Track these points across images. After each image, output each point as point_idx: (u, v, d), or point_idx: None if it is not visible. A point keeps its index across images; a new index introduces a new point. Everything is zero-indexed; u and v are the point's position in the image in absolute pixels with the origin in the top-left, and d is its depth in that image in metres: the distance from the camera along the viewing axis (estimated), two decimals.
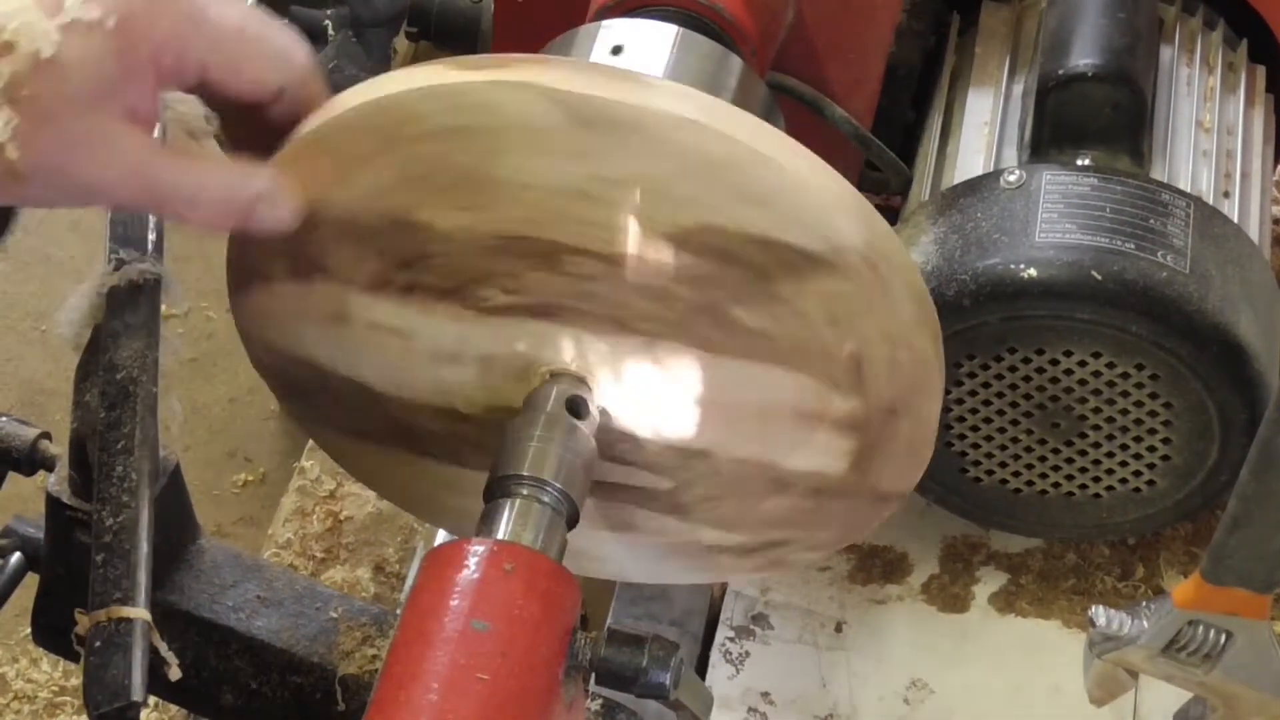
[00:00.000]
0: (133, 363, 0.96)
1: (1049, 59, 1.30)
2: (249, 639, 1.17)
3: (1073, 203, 1.24)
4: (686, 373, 0.99)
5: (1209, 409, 1.24)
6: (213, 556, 1.21)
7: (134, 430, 0.94)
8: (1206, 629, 1.12)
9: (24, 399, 2.03)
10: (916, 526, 1.43)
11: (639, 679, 0.94)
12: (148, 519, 0.92)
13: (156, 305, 1.00)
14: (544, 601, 0.91)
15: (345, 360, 1.04)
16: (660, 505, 1.06)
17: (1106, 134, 1.28)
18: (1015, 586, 1.40)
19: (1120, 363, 1.24)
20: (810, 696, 1.34)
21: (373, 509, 1.61)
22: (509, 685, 0.87)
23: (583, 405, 1.03)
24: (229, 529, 1.91)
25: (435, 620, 0.89)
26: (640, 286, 0.96)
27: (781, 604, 1.39)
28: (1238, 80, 1.39)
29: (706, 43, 1.18)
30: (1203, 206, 1.27)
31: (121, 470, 0.93)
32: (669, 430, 1.02)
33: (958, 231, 1.26)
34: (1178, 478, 1.30)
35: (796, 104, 1.33)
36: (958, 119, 1.37)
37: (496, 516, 0.96)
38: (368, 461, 1.15)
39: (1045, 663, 1.36)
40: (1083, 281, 1.21)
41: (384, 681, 0.88)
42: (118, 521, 0.91)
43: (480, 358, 1.02)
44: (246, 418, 2.02)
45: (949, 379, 1.24)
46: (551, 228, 0.94)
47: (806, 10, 1.30)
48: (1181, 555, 1.41)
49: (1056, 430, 1.29)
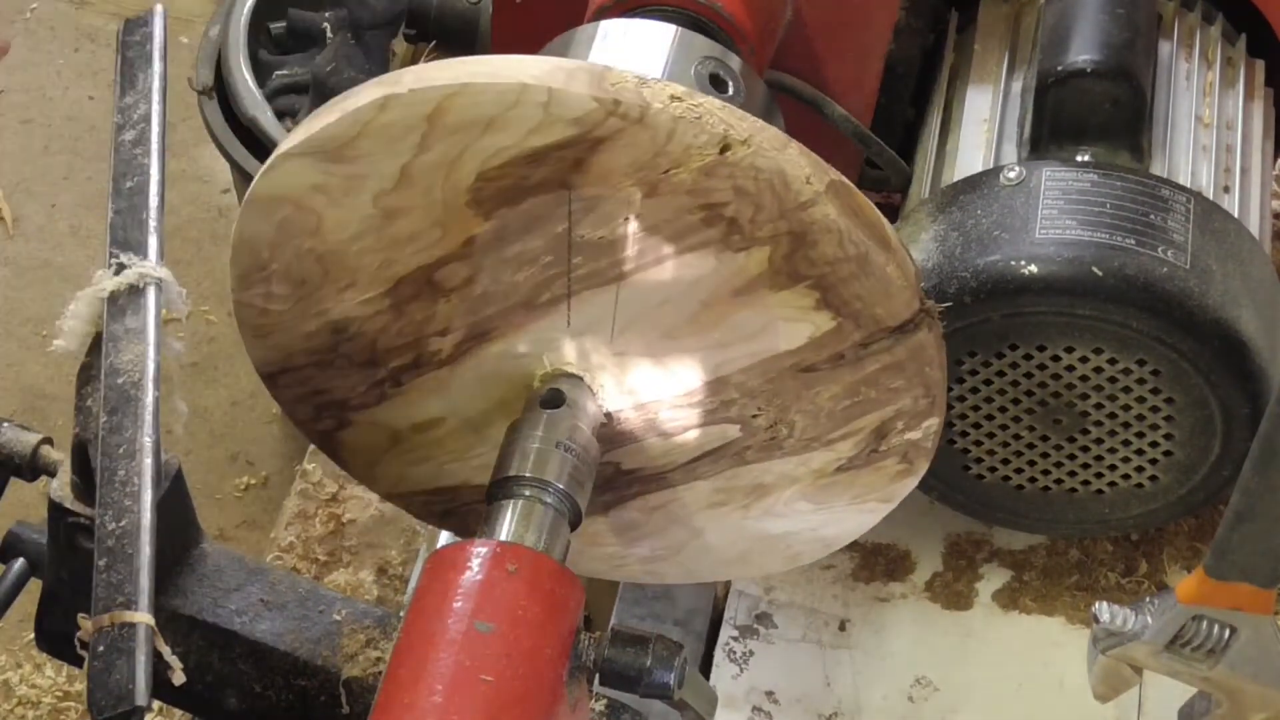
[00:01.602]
0: (133, 367, 0.96)
1: (1048, 55, 1.30)
2: (253, 642, 1.17)
3: (1073, 199, 1.24)
4: (633, 315, 1.01)
5: (1211, 404, 1.24)
6: (216, 560, 1.21)
7: (136, 435, 0.94)
8: (1210, 624, 1.12)
9: (25, 404, 2.03)
10: (920, 524, 1.43)
11: (643, 679, 0.94)
12: (150, 523, 0.92)
13: (157, 309, 1.00)
14: (547, 602, 0.91)
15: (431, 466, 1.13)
16: (756, 452, 1.07)
17: (1106, 130, 1.28)
18: (1019, 583, 1.40)
19: (1122, 358, 1.24)
20: (814, 694, 1.34)
21: (375, 511, 1.61)
22: (513, 686, 0.87)
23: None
24: (231, 533, 1.91)
25: (439, 622, 0.89)
26: (502, 262, 0.99)
27: (785, 603, 1.39)
28: (1237, 75, 1.39)
29: (705, 42, 1.18)
30: (1203, 201, 1.27)
31: (124, 474, 0.93)
32: (673, 388, 1.03)
33: (958, 229, 1.26)
34: (1180, 473, 1.30)
35: (796, 102, 1.33)
36: (957, 116, 1.37)
37: (499, 518, 0.96)
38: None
39: (1049, 659, 1.36)
40: (1084, 277, 1.20)
41: (388, 684, 0.88)
42: (120, 526, 0.91)
43: (475, 396, 1.05)
44: (248, 421, 2.02)
45: (951, 376, 1.24)
46: (398, 261, 1.00)
47: (805, 9, 1.30)
48: (1185, 550, 1.41)
49: (1059, 426, 1.29)
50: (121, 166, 1.05)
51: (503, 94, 0.92)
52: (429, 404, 1.07)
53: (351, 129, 0.95)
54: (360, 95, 0.95)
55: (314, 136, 0.96)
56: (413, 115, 0.93)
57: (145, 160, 1.06)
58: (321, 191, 0.98)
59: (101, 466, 0.94)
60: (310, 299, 1.03)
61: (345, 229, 0.99)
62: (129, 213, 1.03)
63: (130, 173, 1.05)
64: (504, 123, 0.93)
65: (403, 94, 0.93)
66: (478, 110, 0.92)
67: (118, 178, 1.05)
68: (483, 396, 1.06)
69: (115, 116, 1.09)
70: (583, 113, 0.92)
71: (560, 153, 0.93)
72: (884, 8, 1.35)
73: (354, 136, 0.95)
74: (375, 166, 0.96)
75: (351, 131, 0.95)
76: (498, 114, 0.92)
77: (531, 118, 0.92)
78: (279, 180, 0.98)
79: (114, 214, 1.03)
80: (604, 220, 0.97)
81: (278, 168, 0.98)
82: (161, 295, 1.01)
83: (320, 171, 0.97)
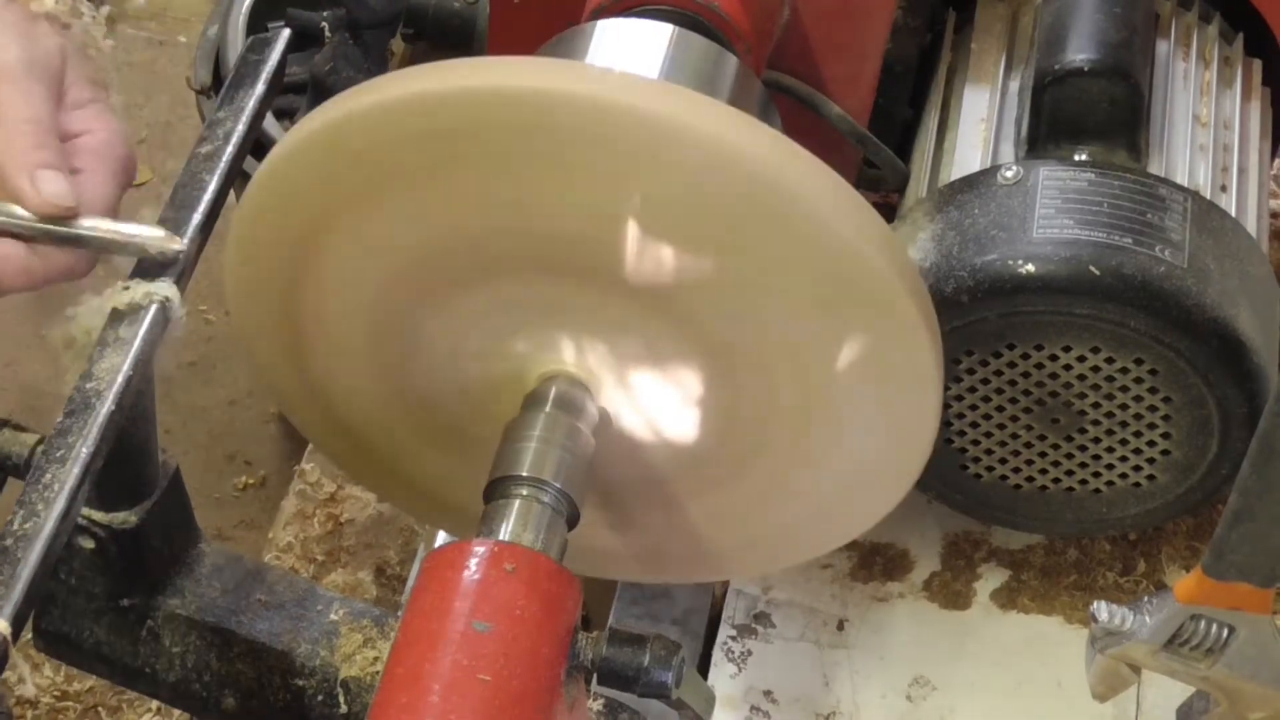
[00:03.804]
0: (105, 376, 0.95)
1: (1045, 54, 1.30)
2: (250, 642, 1.17)
3: (1070, 198, 1.24)
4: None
5: (1208, 403, 1.24)
6: (213, 560, 1.21)
7: (78, 442, 0.93)
8: (1209, 624, 1.12)
9: (24, 403, 2.02)
10: (918, 523, 1.43)
11: (641, 678, 0.94)
12: (49, 533, 0.90)
13: (152, 325, 0.98)
14: (545, 602, 0.91)
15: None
16: (755, 451, 1.07)
17: (1103, 129, 1.28)
18: (1017, 583, 1.40)
19: (1119, 358, 1.24)
20: (813, 694, 1.34)
21: (373, 511, 1.61)
22: (511, 686, 0.87)
23: (582, 405, 1.03)
24: (229, 532, 1.91)
25: (437, 621, 0.89)
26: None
27: (783, 602, 1.39)
28: (1234, 74, 1.39)
29: (702, 42, 1.18)
30: (1200, 201, 1.27)
31: (49, 478, 0.92)
32: (671, 387, 1.03)
33: (955, 228, 1.26)
34: (1178, 472, 1.30)
35: (793, 102, 1.33)
36: (954, 115, 1.37)
37: (497, 517, 0.96)
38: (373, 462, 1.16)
39: (1047, 659, 1.36)
40: (1081, 276, 1.20)
41: (386, 683, 0.88)
42: (23, 528, 0.90)
43: (479, 353, 1.04)
44: (246, 421, 2.02)
45: (948, 375, 1.24)
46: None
47: (802, 8, 1.30)
48: (1183, 550, 1.41)
49: (1056, 426, 1.29)
50: (185, 177, 1.05)
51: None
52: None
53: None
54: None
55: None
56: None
57: (208, 178, 1.05)
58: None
59: (35, 465, 0.93)
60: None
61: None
62: (172, 224, 1.01)
63: (190, 184, 1.04)
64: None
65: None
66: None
67: (178, 187, 1.04)
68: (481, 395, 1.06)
69: (203, 127, 1.08)
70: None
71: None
72: (881, 7, 1.35)
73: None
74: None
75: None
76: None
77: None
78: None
79: (160, 221, 1.02)
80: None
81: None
82: (163, 314, 0.99)
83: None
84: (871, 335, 0.98)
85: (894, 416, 1.04)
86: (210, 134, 1.07)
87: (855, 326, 0.98)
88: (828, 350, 0.99)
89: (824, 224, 0.93)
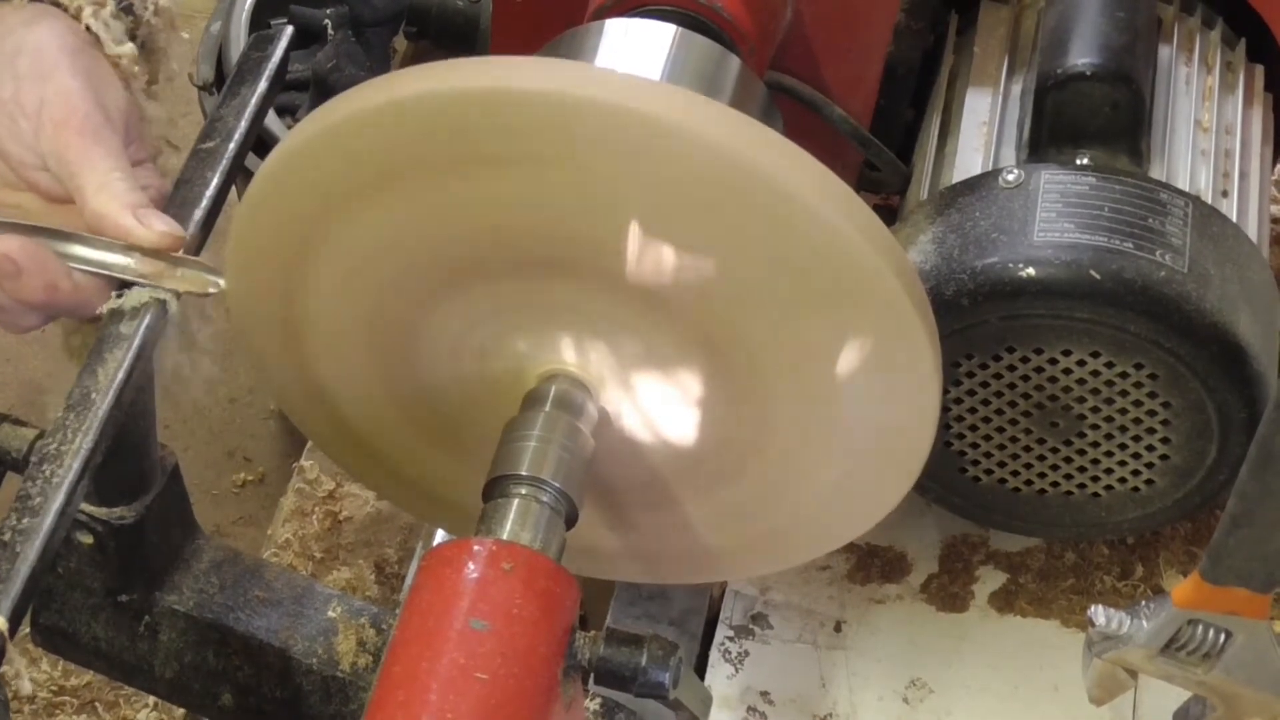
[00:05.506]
0: (105, 373, 0.96)
1: (1047, 58, 1.30)
2: (248, 639, 1.17)
3: (1071, 202, 1.24)
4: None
5: (1208, 408, 1.24)
6: (212, 556, 1.21)
7: (77, 438, 0.93)
8: (1206, 628, 1.12)
9: (23, 399, 2.03)
10: (916, 526, 1.43)
11: (638, 678, 0.94)
12: (48, 528, 0.90)
13: (151, 326, 0.99)
14: (543, 601, 0.91)
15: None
16: (755, 452, 1.07)
17: (1105, 133, 1.28)
18: (1014, 586, 1.40)
19: (1119, 362, 1.24)
20: (809, 696, 1.34)
21: (372, 509, 1.61)
22: (508, 685, 0.87)
23: (582, 405, 1.03)
24: (228, 529, 1.92)
25: (434, 620, 0.89)
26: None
27: (781, 603, 1.39)
28: (1236, 79, 1.39)
29: (705, 42, 1.18)
30: (1201, 206, 1.27)
31: (48, 474, 0.92)
32: (671, 388, 1.03)
33: (956, 231, 1.26)
34: (1177, 477, 1.30)
35: (795, 104, 1.33)
36: (956, 118, 1.37)
37: (496, 516, 0.96)
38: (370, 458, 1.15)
39: (1044, 662, 1.36)
40: (1081, 280, 1.20)
41: (383, 681, 0.88)
42: (22, 523, 0.90)
43: (479, 352, 1.04)
44: (246, 418, 2.02)
45: (948, 378, 1.24)
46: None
47: (805, 9, 1.30)
48: (1181, 554, 1.41)
49: (1055, 429, 1.29)
50: (186, 173, 1.05)
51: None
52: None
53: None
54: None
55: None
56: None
57: (209, 174, 1.05)
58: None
59: (34, 460, 0.93)
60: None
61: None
62: (174, 220, 1.02)
63: (192, 180, 1.04)
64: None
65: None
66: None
67: (180, 183, 1.05)
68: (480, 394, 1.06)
69: (205, 124, 1.09)
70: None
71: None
72: (883, 9, 1.35)
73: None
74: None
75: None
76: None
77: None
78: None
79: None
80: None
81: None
82: (164, 313, 1.00)
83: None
84: (870, 337, 0.98)
85: (893, 418, 1.04)
86: (212, 130, 1.07)
87: (854, 328, 0.98)
88: (827, 352, 0.99)
89: (824, 226, 0.93)
